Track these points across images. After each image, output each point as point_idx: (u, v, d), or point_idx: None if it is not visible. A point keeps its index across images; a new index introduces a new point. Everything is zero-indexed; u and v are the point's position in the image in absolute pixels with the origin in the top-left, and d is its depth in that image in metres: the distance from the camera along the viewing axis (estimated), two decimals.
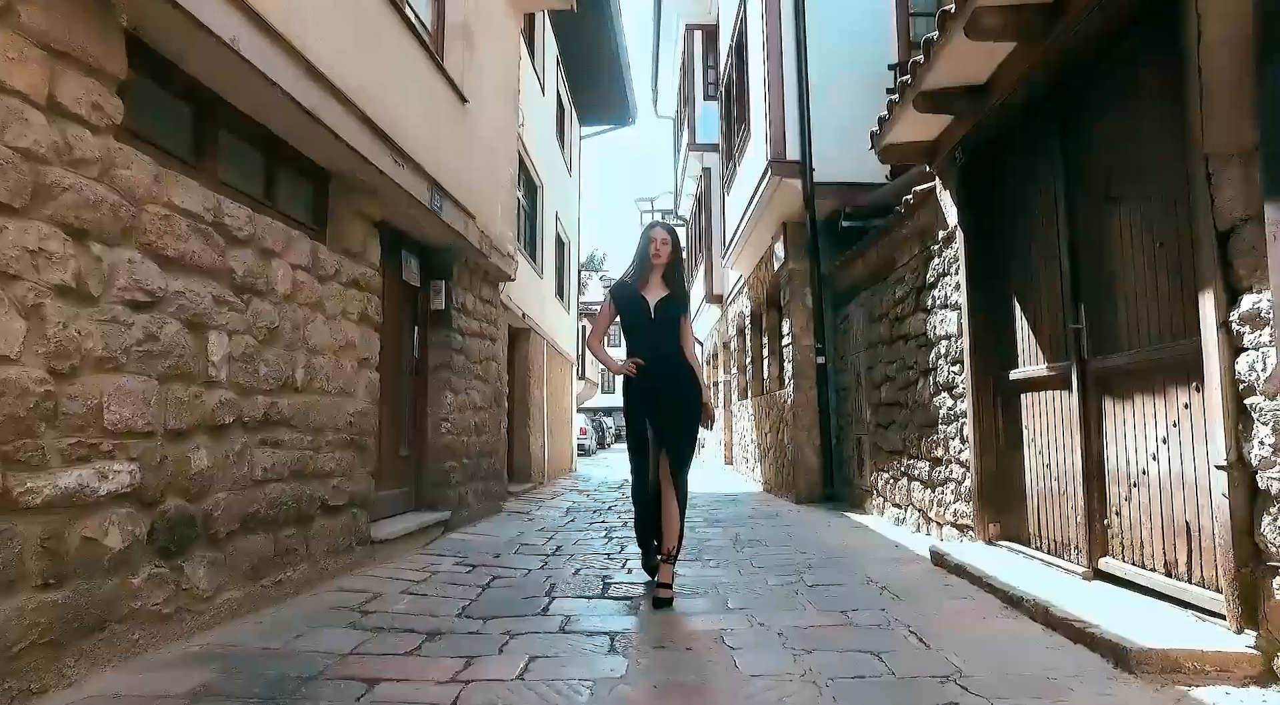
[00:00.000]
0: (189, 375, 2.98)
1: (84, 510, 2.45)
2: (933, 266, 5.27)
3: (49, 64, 2.33)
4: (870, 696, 2.37)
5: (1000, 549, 4.29)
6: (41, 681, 2.27)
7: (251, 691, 2.42)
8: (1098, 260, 3.46)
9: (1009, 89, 3.95)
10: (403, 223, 5.36)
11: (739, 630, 3.16)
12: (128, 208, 2.66)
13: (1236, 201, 2.39)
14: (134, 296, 2.69)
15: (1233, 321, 2.43)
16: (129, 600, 2.65)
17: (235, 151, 3.58)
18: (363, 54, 4.24)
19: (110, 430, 2.57)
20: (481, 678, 2.59)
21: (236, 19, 2.99)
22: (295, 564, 3.77)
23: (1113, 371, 3.35)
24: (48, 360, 2.31)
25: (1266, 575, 2.32)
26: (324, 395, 4.07)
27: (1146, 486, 3.10)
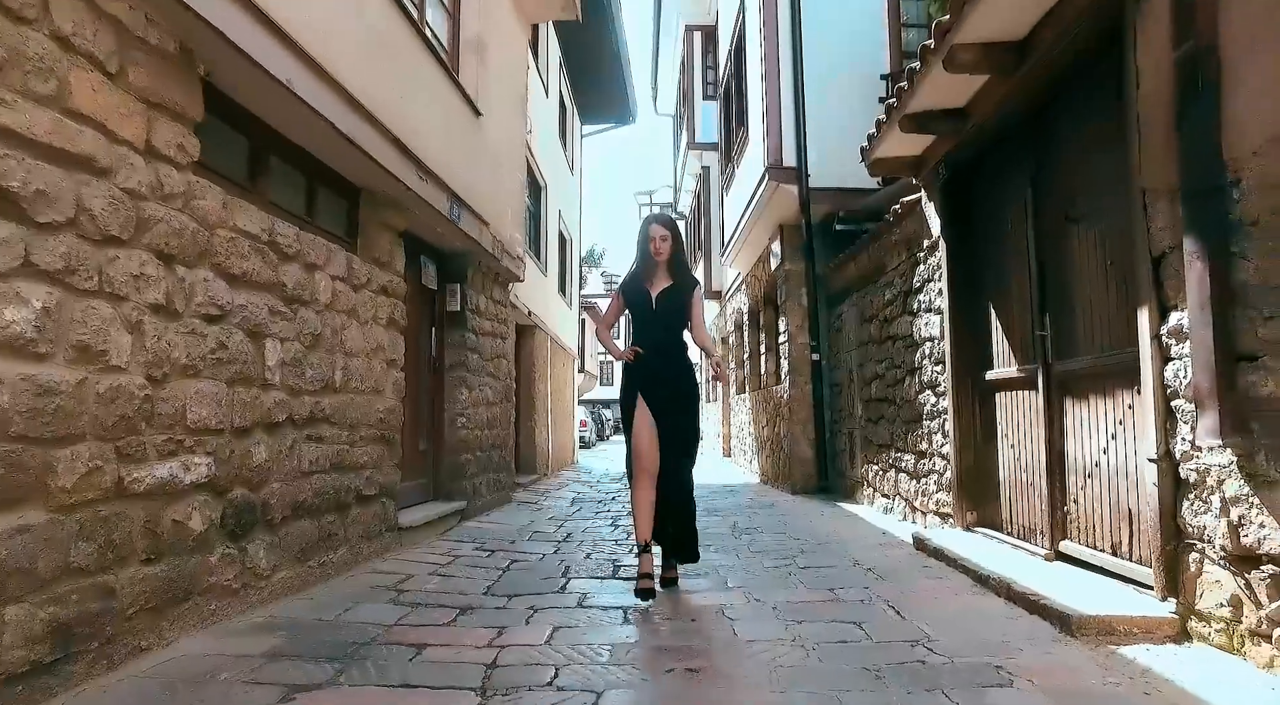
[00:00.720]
0: (250, 379, 3.37)
1: (174, 497, 2.85)
2: (919, 272, 5.66)
3: (147, 114, 2.70)
4: (850, 656, 2.77)
5: (976, 535, 4.69)
6: (147, 641, 2.66)
7: (317, 653, 2.81)
8: (1060, 274, 3.85)
9: (985, 114, 4.33)
10: (423, 232, 5.73)
11: (737, 605, 3.57)
12: (202, 233, 3.04)
13: (1166, 231, 2.78)
14: (208, 311, 3.07)
15: (1163, 334, 2.82)
16: (207, 576, 3.04)
17: (282, 175, 3.95)
18: (390, 78, 4.61)
19: (191, 428, 2.95)
20: (514, 643, 2.99)
21: (291, 62, 3.36)
22: (336, 548, 4.16)
23: (1072, 374, 3.74)
24: (146, 368, 2.70)
25: (1185, 552, 2.72)
26: (358, 394, 4.46)
27: (1099, 477, 3.50)
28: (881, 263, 6.61)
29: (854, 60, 8.23)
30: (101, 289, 2.49)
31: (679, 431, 3.88)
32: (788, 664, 2.70)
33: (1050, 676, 2.46)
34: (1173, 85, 2.67)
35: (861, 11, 8.36)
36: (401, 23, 4.82)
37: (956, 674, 2.53)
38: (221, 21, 2.85)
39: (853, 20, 8.36)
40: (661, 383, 3.88)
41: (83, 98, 2.40)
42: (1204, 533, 2.64)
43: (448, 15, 6.22)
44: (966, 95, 4.41)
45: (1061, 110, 3.80)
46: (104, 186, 2.49)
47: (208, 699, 2.33)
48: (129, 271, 2.61)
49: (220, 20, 2.85)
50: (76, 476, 2.37)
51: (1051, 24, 3.51)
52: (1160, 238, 2.82)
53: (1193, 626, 2.69)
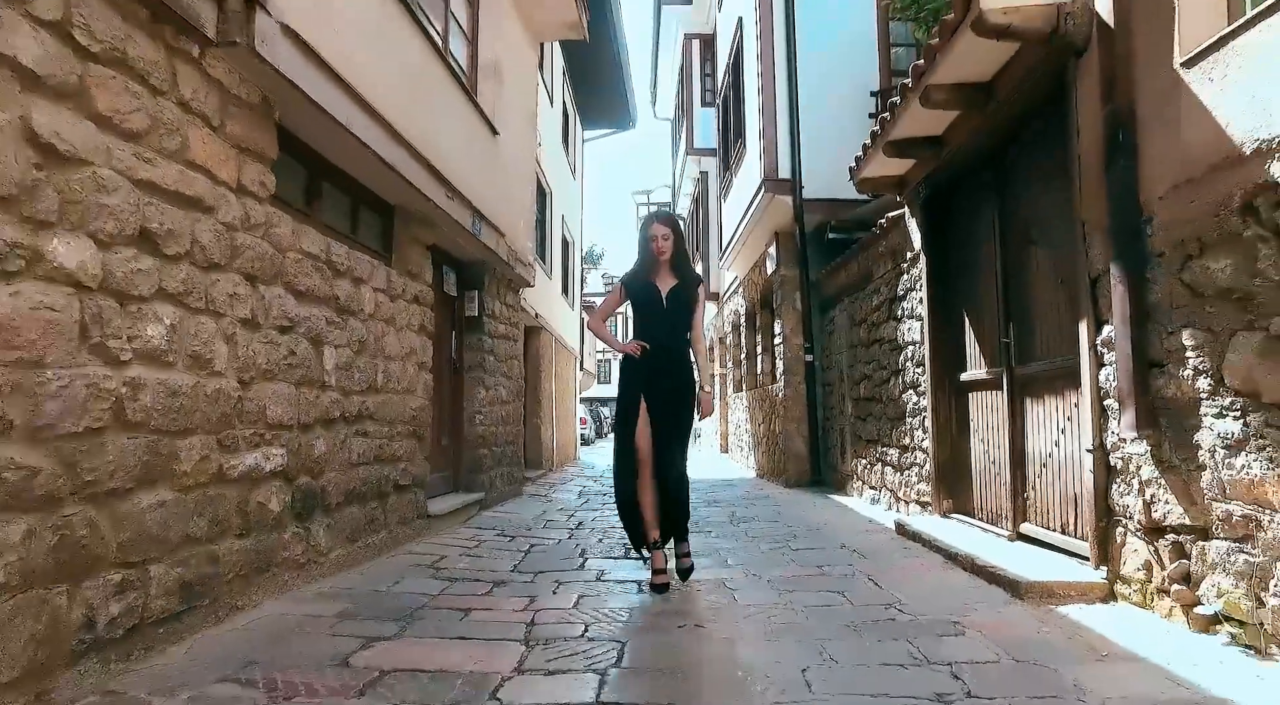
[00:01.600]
0: (312, 381, 3.87)
1: (257, 483, 3.35)
2: (902, 282, 6.17)
3: (238, 158, 3.20)
4: (832, 617, 3.28)
5: (951, 520, 5.20)
6: (240, 602, 3.16)
7: (380, 615, 3.31)
8: (1021, 289, 4.37)
9: (959, 143, 4.84)
10: (447, 244, 6.23)
11: (737, 578, 4.08)
12: (277, 256, 3.54)
13: (1099, 258, 3.29)
14: (281, 323, 3.57)
15: (1098, 344, 3.34)
16: (281, 550, 3.54)
17: (333, 199, 4.45)
18: (423, 108, 5.10)
19: (269, 424, 3.45)
20: (546, 607, 3.49)
21: (349, 105, 3.86)
22: (377, 531, 4.67)
23: (1031, 377, 4.26)
24: (238, 373, 3.20)
25: (1114, 527, 3.24)
26: (395, 394, 4.96)
27: (1051, 467, 4.01)
28: (869, 271, 7.12)
29: (846, 77, 8.74)
30: (207, 307, 2.99)
31: (679, 426, 3.97)
32: (779, 622, 3.21)
33: (996, 629, 2.97)
34: (1102, 138, 3.18)
35: (853, 31, 8.87)
36: (433, 58, 5.31)
37: (920, 628, 3.04)
38: (299, 78, 3.35)
39: (845, 39, 8.86)
40: (665, 380, 3.94)
41: (197, 149, 2.90)
42: (1127, 510, 3.16)
43: (467, 42, 6.70)
44: (942, 126, 4.92)
45: (1022, 147, 4.31)
46: (209, 222, 2.99)
47: (302, 646, 2.84)
48: (226, 292, 3.11)
49: (298, 77, 3.34)
50: (192, 463, 2.87)
51: (1009, 73, 4.02)
52: (1095, 263, 3.33)
53: (1118, 589, 3.21)
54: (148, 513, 2.62)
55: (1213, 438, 2.64)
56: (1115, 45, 3.11)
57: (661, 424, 3.90)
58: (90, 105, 2.37)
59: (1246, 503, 2.51)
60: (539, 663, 2.70)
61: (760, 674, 2.54)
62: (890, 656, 2.71)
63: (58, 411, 2.23)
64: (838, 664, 2.64)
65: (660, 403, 3.91)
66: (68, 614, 2.26)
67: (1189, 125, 2.72)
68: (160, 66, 2.69)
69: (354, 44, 3.97)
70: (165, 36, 2.72)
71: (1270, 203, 2.36)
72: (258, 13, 3.02)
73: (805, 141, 8.70)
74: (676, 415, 3.97)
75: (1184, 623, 2.78)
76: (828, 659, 2.69)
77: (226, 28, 2.94)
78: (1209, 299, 2.65)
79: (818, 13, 8.93)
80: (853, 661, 2.66)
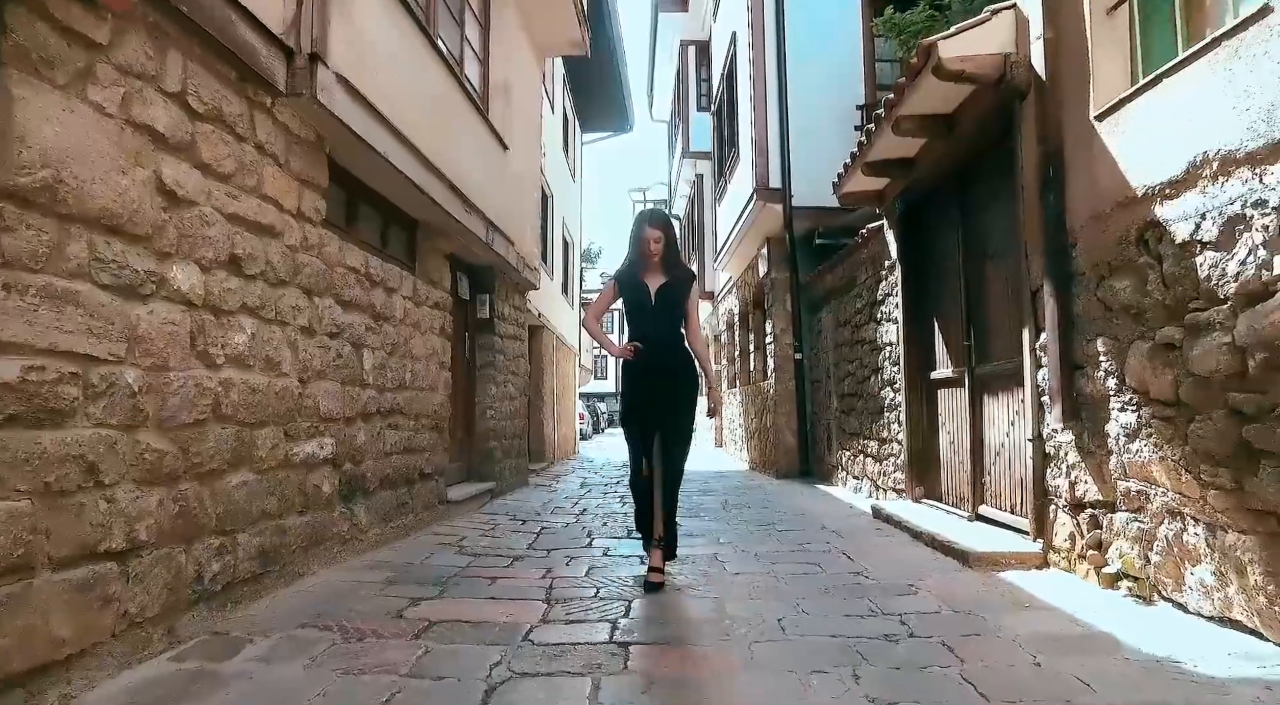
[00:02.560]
0: (355, 380, 4.40)
1: (313, 468, 3.88)
2: (881, 287, 6.72)
3: (299, 189, 3.73)
4: (808, 582, 3.83)
5: (922, 504, 5.76)
6: (301, 569, 3.71)
7: (420, 581, 3.85)
8: (981, 297, 4.92)
9: (928, 165, 5.39)
10: (463, 253, 6.76)
11: (727, 553, 4.63)
12: (327, 271, 4.07)
13: (1038, 274, 3.84)
14: (330, 329, 4.10)
15: (1037, 348, 3.89)
16: (331, 527, 4.09)
17: (368, 218, 4.98)
18: (445, 132, 5.62)
19: (323, 417, 3.99)
20: (560, 576, 4.04)
21: (387, 138, 4.39)
22: (406, 514, 5.21)
23: (988, 376, 4.81)
24: (298, 373, 3.73)
25: (1048, 505, 3.80)
26: (420, 391, 5.49)
27: (1004, 455, 4.57)
28: (853, 277, 7.67)
29: (834, 91, 9.28)
30: (276, 318, 3.52)
31: (680, 427, 3.97)
32: (763, 586, 3.76)
33: (943, 589, 3.52)
34: (1039, 172, 3.72)
35: (841, 47, 9.40)
36: (452, 84, 5.83)
37: (881, 590, 3.60)
38: (349, 118, 3.88)
39: (833, 55, 9.39)
40: (663, 378, 3.90)
41: (269, 184, 3.43)
42: (1058, 490, 3.71)
43: (479, 63, 7.21)
44: (914, 150, 5.47)
45: (979, 172, 4.85)
46: (278, 245, 3.52)
47: (360, 604, 3.38)
48: (290, 304, 3.64)
49: (348, 117, 3.88)
50: (266, 449, 3.41)
51: (967, 108, 4.57)
52: (1035, 278, 3.88)
53: (1051, 557, 3.77)
54: (235, 490, 3.16)
55: (1118, 428, 3.20)
56: (1047, 96, 3.66)
57: (663, 420, 3.90)
58: (197, 155, 2.90)
59: (1140, 480, 3.06)
60: (560, 616, 3.25)
61: (743, 621, 3.10)
62: (852, 610, 3.26)
63: (176, 406, 2.76)
64: (807, 615, 3.19)
65: (659, 405, 3.89)
66: (185, 569, 2.80)
67: (1100, 169, 3.27)
68: (243, 118, 3.22)
69: (389, 81, 4.49)
70: (247, 92, 3.25)
71: (1155, 237, 2.91)
72: (319, 67, 3.55)
73: (795, 152, 9.24)
74: (676, 410, 3.96)
75: (1095, 581, 3.34)
76: (800, 612, 3.24)
77: (294, 81, 3.48)
78: (1115, 313, 3.21)
79: (807, 30, 9.47)
80: (820, 613, 3.22)
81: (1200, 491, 2.71)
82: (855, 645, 2.76)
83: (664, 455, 3.91)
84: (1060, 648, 2.63)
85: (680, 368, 3.99)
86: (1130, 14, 3.27)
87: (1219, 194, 2.57)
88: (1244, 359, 2.47)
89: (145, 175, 2.60)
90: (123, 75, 2.48)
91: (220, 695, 2.32)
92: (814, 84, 9.35)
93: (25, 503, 2.08)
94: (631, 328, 4.02)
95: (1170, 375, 2.85)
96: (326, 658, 2.66)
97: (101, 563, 2.38)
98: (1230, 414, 2.54)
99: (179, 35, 2.78)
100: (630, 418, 4.00)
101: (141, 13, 2.54)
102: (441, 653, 2.74)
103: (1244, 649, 2.46)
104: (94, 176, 2.35)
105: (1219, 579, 2.65)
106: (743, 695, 2.35)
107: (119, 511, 2.45)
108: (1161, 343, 2.90)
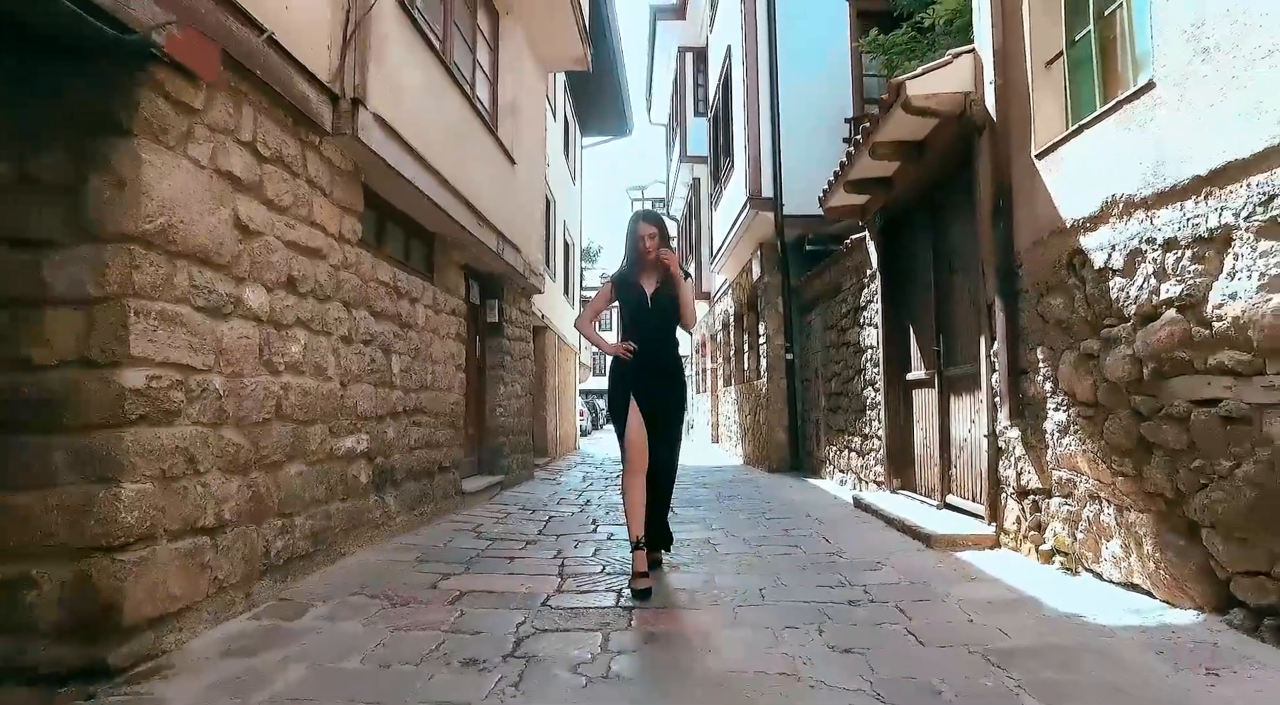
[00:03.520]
0: (385, 382, 4.91)
1: (351, 460, 4.40)
2: (864, 294, 7.23)
3: (340, 215, 4.23)
4: (789, 560, 4.34)
5: (899, 495, 6.28)
6: (342, 550, 4.22)
7: (447, 560, 4.37)
8: (949, 307, 5.43)
9: (903, 186, 5.90)
10: (475, 263, 7.27)
11: (718, 537, 5.15)
12: (362, 286, 4.57)
13: (992, 290, 4.35)
14: (365, 337, 4.61)
15: (991, 355, 4.40)
16: (366, 513, 4.60)
17: (394, 235, 5.49)
18: (461, 155, 6.12)
19: (359, 416, 4.50)
20: (570, 556, 4.56)
21: (414, 165, 4.90)
22: (427, 503, 5.72)
23: (954, 378, 5.33)
24: (339, 377, 4.24)
25: (1000, 493, 4.32)
26: (439, 391, 6.00)
27: (966, 449, 5.09)
28: (839, 283, 8.18)
29: (823, 104, 9.79)
30: (323, 329, 4.03)
31: (670, 428, 4.00)
32: (748, 564, 4.28)
33: (905, 566, 4.04)
34: (992, 199, 4.23)
35: (830, 63, 9.89)
36: (468, 110, 6.34)
37: (851, 566, 4.12)
38: (383, 151, 4.39)
39: (823, 70, 9.89)
40: (655, 380, 3.92)
41: (317, 213, 3.94)
42: (1008, 480, 4.23)
43: (490, 84, 7.71)
44: (890, 171, 5.97)
45: (947, 193, 5.36)
46: (325, 266, 4.03)
47: (398, 577, 3.89)
48: (333, 317, 4.15)
49: (383, 150, 4.38)
50: (316, 444, 3.92)
51: (936, 136, 5.07)
52: (989, 294, 4.40)
53: (1002, 539, 4.29)
54: (293, 479, 3.67)
55: (1052, 425, 3.72)
56: (998, 135, 4.17)
57: (653, 425, 3.87)
58: (264, 193, 3.41)
59: (1069, 470, 3.58)
60: (572, 587, 3.77)
61: (729, 591, 3.62)
62: (824, 582, 3.78)
63: (249, 407, 3.27)
64: (785, 586, 3.71)
65: (651, 404, 3.88)
66: (257, 544, 3.31)
67: (1039, 201, 3.78)
68: (298, 157, 3.73)
69: (416, 114, 4.99)
70: (300, 134, 3.76)
71: (1080, 263, 3.42)
72: (359, 109, 4.06)
73: (786, 163, 9.75)
74: (667, 416, 3.96)
75: (1035, 558, 3.86)
76: (779, 584, 3.76)
77: (338, 122, 3.98)
78: (1051, 326, 3.72)
79: (798, 46, 9.97)
80: (797, 584, 3.73)
81: (1112, 478, 3.23)
82: (823, 608, 3.28)
83: (655, 454, 3.90)
84: (992, 609, 3.15)
85: (671, 369, 4.04)
86: (1064, 68, 3.77)
87: (1124, 230, 3.08)
88: (1141, 368, 2.98)
89: (226, 214, 3.11)
90: (212, 132, 2.99)
91: (297, 645, 2.83)
92: (805, 97, 9.86)
93: (150, 485, 2.60)
94: (626, 329, 4.04)
95: (1090, 380, 3.36)
96: (378, 618, 3.17)
97: (199, 536, 2.89)
98: (1132, 413, 3.06)
99: (250, 92, 3.28)
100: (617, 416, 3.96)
101: (225, 78, 3.05)
102: (474, 615, 3.25)
103: (1137, 606, 2.98)
104: (192, 219, 2.85)
105: (1124, 551, 3.17)
106: (726, 644, 2.87)
107: (210, 494, 2.97)
108: (1085, 353, 3.42)
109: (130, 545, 2.51)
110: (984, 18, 4.29)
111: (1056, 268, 3.64)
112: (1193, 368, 2.71)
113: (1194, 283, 2.68)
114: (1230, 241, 2.51)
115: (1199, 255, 2.65)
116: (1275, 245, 2.33)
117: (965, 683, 2.36)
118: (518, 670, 2.57)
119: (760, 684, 2.42)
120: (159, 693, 2.35)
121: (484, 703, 2.30)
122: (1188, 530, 2.79)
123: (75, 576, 2.44)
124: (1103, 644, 2.62)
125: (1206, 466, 2.66)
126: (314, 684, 2.44)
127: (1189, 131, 2.69)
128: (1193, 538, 2.77)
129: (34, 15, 2.27)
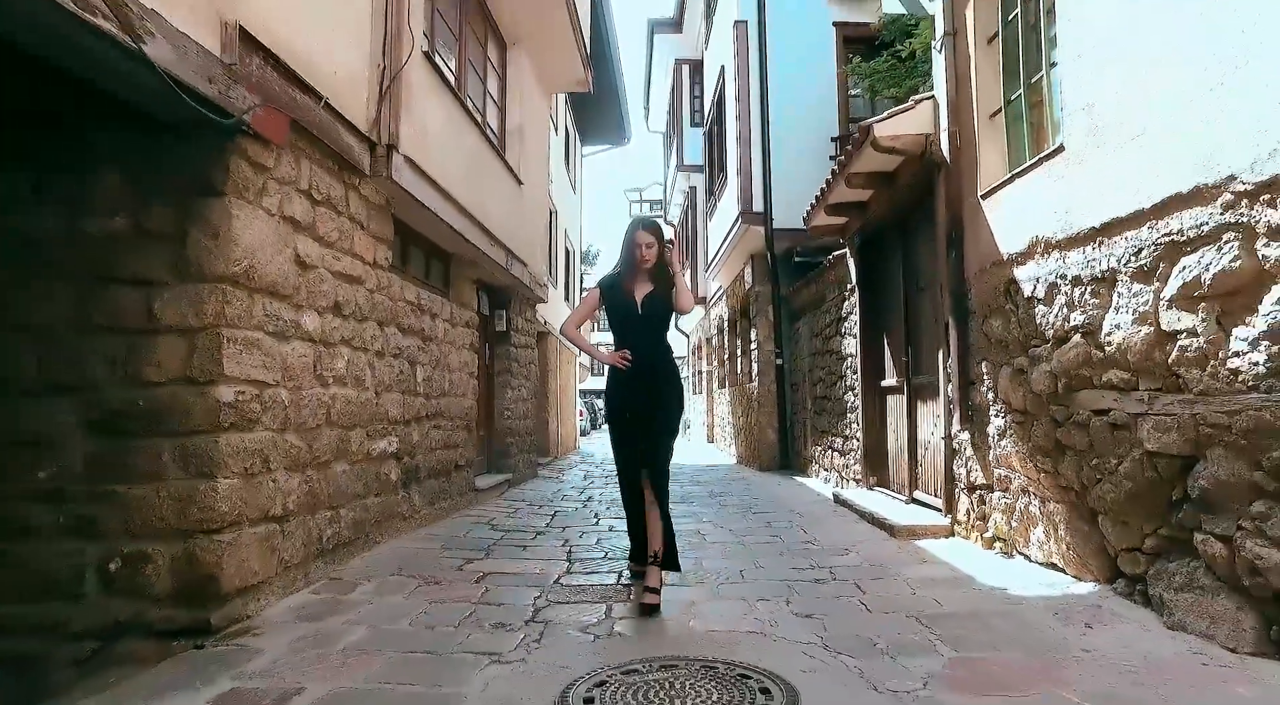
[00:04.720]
0: (411, 391, 5.49)
1: (383, 460, 4.98)
2: (845, 306, 7.82)
3: (375, 245, 4.82)
4: (769, 547, 4.93)
5: (874, 492, 6.87)
6: (375, 539, 4.81)
7: (467, 548, 4.95)
8: (916, 320, 6.02)
9: (878, 210, 6.49)
10: (486, 277, 7.85)
11: (708, 528, 5.74)
12: (393, 306, 5.16)
13: (947, 310, 4.94)
14: (394, 351, 5.19)
15: (947, 366, 4.99)
16: (395, 507, 5.18)
17: (416, 257, 6.08)
18: (476, 181, 6.70)
19: (389, 421, 5.08)
20: (577, 545, 5.14)
21: (436, 196, 5.48)
22: (445, 499, 6.30)
23: (920, 386, 5.92)
24: (374, 387, 4.82)
25: (953, 488, 4.91)
26: (455, 397, 6.59)
27: (929, 450, 5.68)
28: (823, 294, 8.78)
29: (811, 124, 10.40)
30: (361, 346, 4.61)
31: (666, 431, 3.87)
32: (732, 550, 4.87)
33: (869, 552, 4.63)
34: (947, 231, 4.83)
35: (818, 85, 10.50)
36: (481, 141, 6.93)
37: (823, 552, 4.71)
38: (412, 187, 4.98)
39: (810, 92, 10.48)
40: (649, 388, 3.81)
41: (357, 245, 4.52)
42: (960, 477, 4.83)
43: (498, 110, 8.30)
44: (865, 196, 6.57)
45: (914, 219, 5.96)
46: (362, 291, 4.62)
47: (427, 562, 4.47)
48: (370, 334, 4.73)
49: (411, 187, 4.97)
50: (356, 445, 4.50)
51: (903, 169, 5.67)
52: (945, 312, 4.99)
53: (955, 529, 4.89)
54: (339, 476, 4.26)
55: (993, 429, 4.31)
56: (951, 175, 4.76)
57: (647, 435, 3.79)
58: (317, 231, 3.99)
59: (1006, 468, 4.17)
60: (579, 570, 4.35)
61: (714, 571, 4.21)
62: (797, 565, 4.37)
63: (306, 415, 3.86)
64: (763, 568, 4.30)
65: (647, 417, 3.79)
66: (312, 531, 3.90)
67: (983, 236, 4.37)
68: (342, 198, 4.31)
69: (438, 150, 5.57)
70: (344, 178, 4.34)
71: (1013, 290, 4.01)
72: (393, 153, 4.64)
73: (776, 179, 10.34)
74: (664, 425, 3.86)
75: (980, 544, 4.45)
76: (757, 566, 4.35)
77: (376, 166, 4.57)
78: (993, 344, 4.31)
79: (788, 68, 10.56)
80: (773, 566, 4.32)
81: (1037, 474, 3.82)
82: (793, 585, 3.87)
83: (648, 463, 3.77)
84: (933, 585, 3.74)
85: (665, 375, 3.92)
86: (1004, 120, 4.37)
87: (1045, 265, 3.67)
88: (1057, 382, 3.57)
89: (290, 252, 3.69)
90: (280, 185, 3.57)
91: (355, 612, 3.42)
92: (794, 117, 10.45)
93: (237, 480, 3.18)
94: (616, 336, 3.93)
95: (1022, 391, 3.95)
96: (417, 593, 3.76)
97: (271, 523, 3.48)
98: (1051, 420, 3.65)
99: (307, 147, 3.87)
100: (617, 427, 3.95)
101: (289, 139, 3.63)
102: (497, 591, 3.84)
103: (1052, 581, 3.57)
104: (267, 259, 3.44)
105: (1046, 536, 3.76)
106: (708, 612, 3.45)
107: (279, 489, 3.55)
108: (1017, 368, 4.01)
109: (224, 528, 3.10)
110: (940, 71, 4.88)
111: (996, 294, 4.23)
112: (1092, 383, 3.30)
113: (1092, 313, 3.27)
114: (1115, 282, 3.10)
115: (1095, 291, 3.24)
116: (1144, 288, 2.92)
117: (897, 636, 2.95)
118: (538, 631, 3.16)
119: (735, 639, 3.01)
120: (254, 645, 2.94)
121: (513, 652, 2.89)
122: (1090, 517, 3.38)
123: (183, 553, 3.02)
124: (1013, 609, 3.22)
125: (1101, 464, 3.25)
126: (376, 639, 3.03)
127: (1088, 190, 3.28)
128: (1094, 523, 3.36)
129: (161, 109, 2.85)
